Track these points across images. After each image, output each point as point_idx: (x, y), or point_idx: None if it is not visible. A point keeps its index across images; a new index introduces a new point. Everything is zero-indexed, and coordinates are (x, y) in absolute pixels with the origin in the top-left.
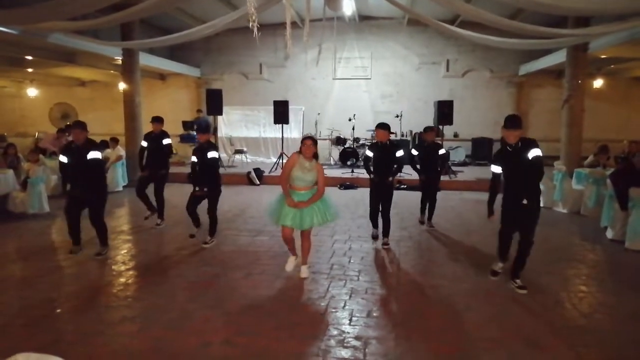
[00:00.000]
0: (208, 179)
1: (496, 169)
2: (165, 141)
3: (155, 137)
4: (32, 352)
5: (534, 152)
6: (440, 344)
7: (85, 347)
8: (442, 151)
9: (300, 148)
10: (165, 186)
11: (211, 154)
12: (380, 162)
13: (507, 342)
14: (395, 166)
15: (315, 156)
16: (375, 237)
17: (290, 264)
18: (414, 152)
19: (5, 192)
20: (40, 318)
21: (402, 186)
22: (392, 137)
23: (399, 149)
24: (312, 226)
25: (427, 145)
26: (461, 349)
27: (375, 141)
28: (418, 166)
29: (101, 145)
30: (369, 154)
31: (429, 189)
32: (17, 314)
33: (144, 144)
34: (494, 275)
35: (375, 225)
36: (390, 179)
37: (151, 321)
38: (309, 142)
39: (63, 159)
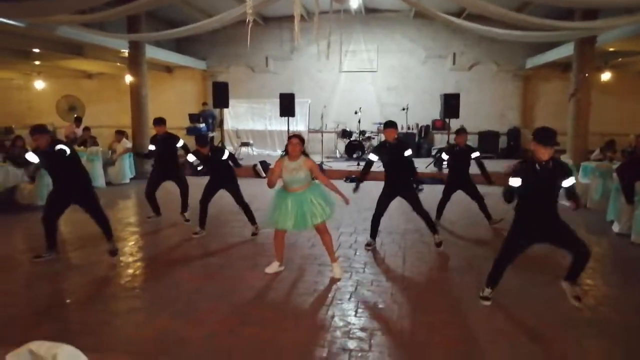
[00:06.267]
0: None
1: (516, 182)
2: (180, 144)
3: (162, 140)
4: (44, 341)
5: (570, 181)
6: (445, 337)
7: (92, 337)
8: (475, 154)
9: (286, 147)
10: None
11: (225, 155)
12: (393, 165)
13: (512, 335)
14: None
15: (305, 153)
16: (369, 245)
17: (273, 267)
18: (444, 156)
19: (13, 184)
20: (49, 308)
21: (420, 187)
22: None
23: (408, 148)
24: (316, 223)
25: (458, 149)
26: (466, 342)
27: (381, 142)
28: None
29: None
30: (373, 158)
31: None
32: (26, 303)
33: (152, 147)
34: (487, 301)
35: (373, 233)
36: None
37: (157, 311)
38: (295, 140)
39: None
